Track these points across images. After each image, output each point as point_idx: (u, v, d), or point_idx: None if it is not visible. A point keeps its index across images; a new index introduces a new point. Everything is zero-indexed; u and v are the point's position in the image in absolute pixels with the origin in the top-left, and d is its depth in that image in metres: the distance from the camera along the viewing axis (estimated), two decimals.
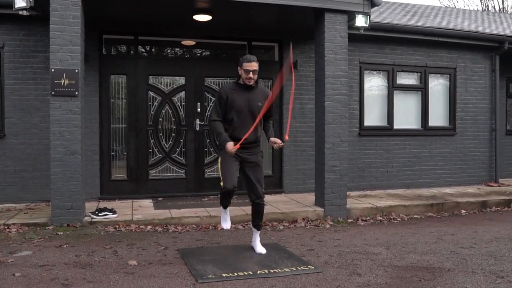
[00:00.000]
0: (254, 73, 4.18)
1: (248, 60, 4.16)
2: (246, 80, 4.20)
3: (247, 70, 4.15)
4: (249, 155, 4.28)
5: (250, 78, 4.18)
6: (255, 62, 4.17)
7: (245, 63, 4.15)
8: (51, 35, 5.31)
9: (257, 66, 4.20)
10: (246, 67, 4.15)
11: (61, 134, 5.37)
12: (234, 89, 4.27)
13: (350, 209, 6.36)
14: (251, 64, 4.15)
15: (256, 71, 4.20)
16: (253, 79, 4.20)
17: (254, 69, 4.17)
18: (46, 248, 4.50)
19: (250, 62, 4.15)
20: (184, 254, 4.36)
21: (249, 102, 4.23)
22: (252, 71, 4.16)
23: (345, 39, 6.28)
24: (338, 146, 6.27)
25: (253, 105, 4.23)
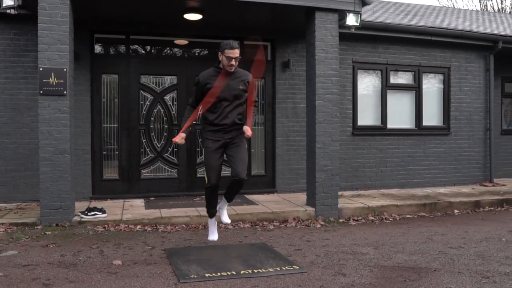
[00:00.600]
0: (236, 60, 4.13)
1: (231, 46, 4.07)
2: (228, 67, 4.14)
3: (229, 57, 4.08)
4: (230, 137, 4.27)
5: (231, 65, 4.12)
6: (237, 49, 4.09)
7: (228, 50, 4.06)
8: (39, 34, 5.29)
9: (239, 53, 4.12)
10: (228, 54, 4.06)
11: (50, 134, 5.35)
12: (214, 75, 4.21)
13: (342, 209, 6.34)
14: (233, 51, 4.07)
15: (238, 58, 4.13)
16: (235, 66, 4.15)
17: (237, 56, 4.10)
18: (32, 248, 4.49)
19: (233, 49, 4.07)
20: (170, 254, 4.34)
21: (230, 87, 4.19)
22: (235, 58, 4.10)
23: (336, 38, 6.25)
24: (329, 145, 6.25)
25: (234, 89, 4.20)
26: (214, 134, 4.23)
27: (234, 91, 4.20)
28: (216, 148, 4.22)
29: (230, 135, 4.25)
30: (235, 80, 4.23)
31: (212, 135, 4.24)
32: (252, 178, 7.60)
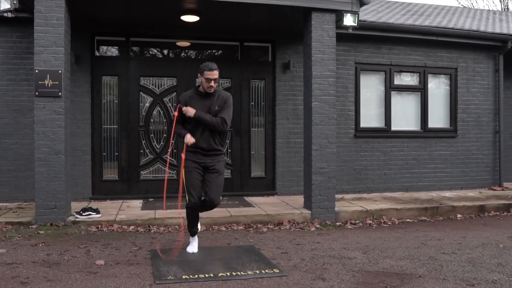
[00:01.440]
0: (215, 82, 4.17)
1: (209, 68, 4.10)
2: (208, 89, 4.18)
3: (208, 79, 4.11)
4: (211, 161, 4.27)
5: (211, 87, 4.16)
6: (216, 71, 4.13)
7: (207, 71, 4.10)
8: (35, 37, 5.39)
9: (218, 75, 4.16)
10: (207, 76, 4.10)
11: (45, 134, 5.44)
12: (193, 97, 4.26)
13: (339, 212, 6.24)
14: (212, 72, 4.10)
15: (217, 79, 4.17)
16: (214, 87, 4.18)
17: (216, 77, 4.14)
18: (21, 247, 4.56)
19: (212, 71, 4.10)
20: (154, 254, 4.33)
21: (208, 108, 4.21)
22: (214, 80, 4.13)
23: (333, 39, 6.17)
24: (325, 147, 6.16)
25: (211, 110, 4.21)
26: (194, 155, 4.25)
27: (209, 112, 4.19)
28: (195, 167, 4.24)
29: (210, 159, 4.25)
30: (213, 101, 4.23)
31: (192, 156, 4.25)
32: (252, 180, 7.57)
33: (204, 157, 4.24)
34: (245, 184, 7.54)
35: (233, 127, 7.46)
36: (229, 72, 7.42)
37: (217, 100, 4.25)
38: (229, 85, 7.45)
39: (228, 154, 7.46)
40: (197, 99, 4.23)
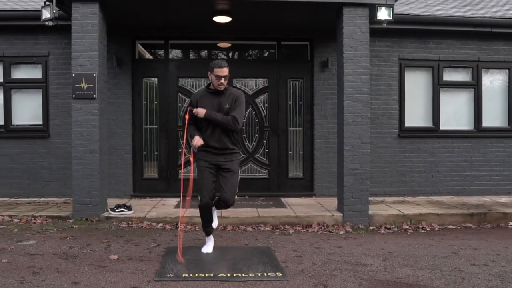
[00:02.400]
0: (225, 79, 4.14)
1: (219, 65, 4.09)
2: (218, 86, 4.16)
3: (218, 76, 4.09)
4: (224, 160, 4.23)
5: (221, 84, 4.13)
6: (226, 68, 4.10)
7: (216, 69, 4.09)
8: (73, 42, 5.73)
9: (228, 72, 4.13)
10: (217, 73, 4.09)
11: (81, 134, 5.77)
12: (204, 95, 4.26)
13: (373, 216, 5.95)
14: (222, 70, 4.08)
15: (227, 77, 4.15)
16: (224, 84, 4.16)
17: (225, 74, 4.11)
18: (50, 239, 4.87)
19: (221, 68, 4.08)
20: (168, 252, 4.42)
21: (218, 106, 4.18)
22: (224, 77, 4.11)
23: (366, 35, 5.89)
24: (358, 148, 5.90)
25: (222, 108, 4.18)
26: (206, 154, 4.23)
27: (220, 110, 4.16)
28: (207, 167, 4.22)
29: (222, 158, 4.22)
30: (223, 99, 4.20)
31: (205, 155, 4.23)
32: (290, 180, 7.46)
33: (216, 156, 4.21)
34: (282, 185, 7.44)
35: (271, 127, 7.40)
36: (266, 72, 7.38)
37: (228, 98, 4.22)
38: (266, 84, 7.40)
39: (265, 154, 7.43)
40: (208, 97, 4.22)
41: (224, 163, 4.23)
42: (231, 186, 4.23)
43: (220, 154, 4.22)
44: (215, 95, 4.22)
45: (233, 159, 4.29)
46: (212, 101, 4.19)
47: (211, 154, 4.22)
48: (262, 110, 7.41)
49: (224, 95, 4.22)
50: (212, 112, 4.14)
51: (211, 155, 4.22)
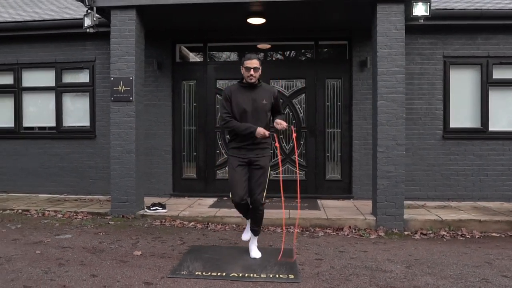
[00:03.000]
0: (255, 71, 4.12)
1: (248, 58, 4.13)
2: (248, 78, 4.15)
3: (247, 68, 4.11)
4: (255, 156, 4.19)
5: (251, 76, 4.12)
6: (255, 60, 4.12)
7: (246, 61, 4.12)
8: (112, 48, 6.03)
9: (258, 64, 4.13)
10: (246, 65, 4.11)
11: (119, 135, 6.05)
12: (238, 89, 4.24)
13: (409, 221, 5.69)
14: (251, 61, 4.10)
15: (258, 69, 4.13)
16: (255, 76, 4.14)
17: (255, 66, 4.11)
18: (85, 234, 5.16)
19: (251, 60, 4.11)
20: (190, 250, 4.52)
21: (253, 101, 4.16)
22: (253, 68, 4.10)
23: (401, 32, 5.65)
24: (392, 149, 5.68)
25: (257, 104, 4.16)
26: (238, 151, 4.21)
27: (255, 105, 4.16)
28: (239, 165, 4.19)
29: (254, 154, 4.18)
30: (258, 94, 4.20)
31: (236, 152, 4.22)
32: (327, 182, 7.33)
33: (248, 152, 4.16)
34: (320, 187, 7.33)
35: (308, 128, 7.32)
36: (304, 72, 7.31)
37: (264, 93, 4.21)
38: (303, 85, 7.34)
39: (302, 155, 7.36)
40: (242, 91, 4.21)
41: (256, 158, 4.18)
42: (260, 184, 4.18)
43: (252, 150, 4.17)
44: (249, 90, 4.20)
45: (265, 155, 4.25)
46: (247, 96, 4.17)
47: (244, 151, 4.17)
48: (300, 111, 7.35)
49: (258, 90, 4.21)
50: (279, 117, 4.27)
51: (243, 151, 4.17)
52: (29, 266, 3.88)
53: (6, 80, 7.80)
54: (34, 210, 6.25)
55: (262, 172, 4.20)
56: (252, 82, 4.16)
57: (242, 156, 4.19)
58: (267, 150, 4.29)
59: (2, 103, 7.87)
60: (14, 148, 7.77)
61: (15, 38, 7.58)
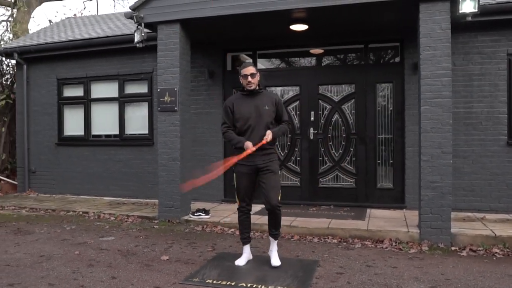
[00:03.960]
0: (252, 77, 4.19)
1: (244, 66, 4.23)
2: (247, 86, 4.22)
3: (245, 75, 4.19)
4: (262, 162, 4.21)
5: (249, 83, 4.20)
6: (250, 67, 4.21)
7: (241, 70, 4.22)
8: (158, 60, 6.38)
9: (254, 70, 4.21)
10: (243, 73, 4.20)
11: (165, 144, 6.37)
12: (239, 98, 4.32)
13: (457, 235, 5.25)
14: (247, 68, 4.19)
15: (255, 75, 4.20)
16: (253, 82, 4.20)
17: (251, 72, 4.18)
18: (127, 237, 5.51)
19: (246, 67, 4.20)
20: (216, 257, 4.63)
21: (256, 108, 4.20)
22: (250, 75, 4.18)
23: (447, 32, 5.25)
24: (438, 158, 5.28)
25: (260, 109, 4.20)
26: (246, 159, 4.20)
27: (258, 111, 4.20)
28: (246, 172, 4.24)
29: (261, 160, 4.20)
30: (260, 100, 4.24)
31: (243, 159, 4.20)
32: (378, 191, 7.01)
33: (254, 159, 4.18)
34: (370, 195, 7.04)
35: (358, 135, 7.08)
36: (353, 77, 7.08)
37: (265, 99, 4.25)
38: (353, 90, 7.11)
39: (351, 162, 7.13)
40: (244, 99, 4.27)
41: (262, 165, 4.20)
42: (273, 187, 4.17)
43: (259, 156, 4.18)
44: (251, 97, 4.25)
45: (272, 159, 4.25)
46: (249, 103, 4.23)
47: (249, 157, 4.17)
48: (349, 117, 7.12)
49: (260, 97, 4.25)
50: (274, 131, 4.19)
51: (249, 158, 4.17)
52: (62, 266, 4.27)
53: (77, 92, 8.63)
54: (92, 213, 6.82)
55: (273, 175, 4.21)
56: (251, 88, 4.22)
57: (248, 163, 4.20)
58: (273, 155, 4.30)
59: (75, 113, 8.70)
60: (84, 155, 8.54)
61: (84, 54, 8.35)
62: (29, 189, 8.92)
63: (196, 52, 7.26)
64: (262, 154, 4.20)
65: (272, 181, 4.18)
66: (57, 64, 8.68)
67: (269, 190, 4.17)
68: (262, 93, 4.31)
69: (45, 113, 8.85)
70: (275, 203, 4.15)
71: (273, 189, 4.17)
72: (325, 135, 7.23)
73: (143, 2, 6.26)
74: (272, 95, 4.42)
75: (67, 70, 8.64)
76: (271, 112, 4.23)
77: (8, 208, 7.34)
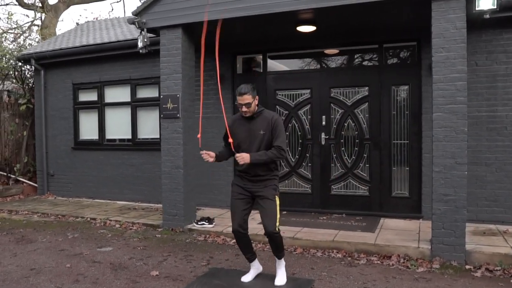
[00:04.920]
0: (247, 106, 3.94)
1: (239, 93, 3.94)
2: (243, 114, 4.02)
3: (239, 104, 3.96)
4: (258, 188, 4.03)
5: (245, 112, 3.98)
6: (246, 95, 3.90)
7: (238, 97, 3.96)
8: (161, 66, 6.25)
9: (250, 99, 3.91)
10: (238, 101, 3.96)
11: (168, 151, 6.24)
12: (238, 119, 4.14)
13: (472, 252, 4.83)
14: (242, 97, 3.92)
15: (250, 104, 3.93)
16: (249, 111, 3.97)
17: (247, 102, 3.92)
18: (125, 247, 5.42)
19: (241, 96, 3.92)
20: (206, 273, 4.45)
21: (250, 132, 4.01)
22: (245, 105, 3.93)
23: (462, 31, 4.80)
24: (451, 169, 4.86)
25: (254, 134, 3.99)
26: (241, 180, 4.12)
27: (253, 137, 3.99)
28: (240, 193, 4.09)
29: (256, 186, 4.03)
30: (256, 125, 4.01)
31: (239, 181, 4.14)
32: (393, 199, 6.61)
33: (249, 183, 4.05)
34: (385, 204, 6.65)
35: (371, 140, 6.70)
36: (367, 79, 6.69)
37: (262, 122, 4.00)
38: (366, 93, 6.72)
39: (365, 169, 6.76)
40: (241, 123, 4.09)
41: (257, 191, 4.03)
42: (269, 213, 3.98)
43: (252, 181, 4.04)
44: (247, 120, 4.05)
45: (267, 185, 4.03)
46: (244, 127, 4.05)
47: (246, 181, 4.07)
48: (363, 121, 6.75)
49: (256, 120, 4.03)
50: (255, 156, 3.92)
51: (245, 181, 4.07)
52: (48, 281, 4.21)
53: (91, 97, 8.68)
54: (99, 219, 6.80)
55: (268, 201, 3.99)
56: (247, 116, 4.01)
57: (243, 185, 4.08)
58: (270, 181, 4.05)
59: (89, 117, 8.76)
60: (99, 159, 8.59)
61: (98, 59, 8.37)
62: (48, 192, 9.08)
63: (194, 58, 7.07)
64: (256, 180, 4.03)
65: (267, 209, 3.98)
66: (73, 69, 8.76)
67: (263, 217, 4.00)
68: (261, 115, 4.04)
69: (62, 117, 8.96)
70: (270, 230, 3.94)
71: (267, 217, 3.97)
72: (337, 140, 6.89)
73: (145, 7, 6.14)
74: (271, 115, 4.07)
75: (82, 75, 8.71)
76: (266, 137, 3.97)
77: (21, 213, 7.47)
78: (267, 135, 3.97)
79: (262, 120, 4.02)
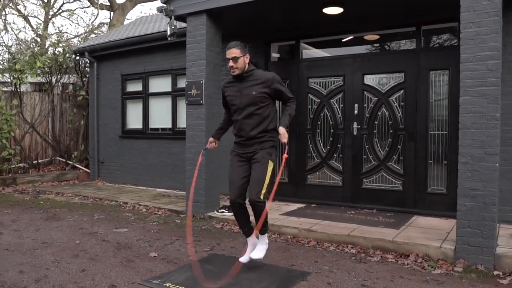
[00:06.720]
0: (234, 61, 3.75)
1: (228, 47, 3.79)
2: (231, 71, 3.83)
3: (227, 59, 3.78)
4: (253, 151, 3.84)
5: (231, 67, 3.79)
6: (234, 49, 3.74)
7: (226, 51, 3.80)
8: (187, 53, 6.28)
9: (238, 53, 3.74)
10: (227, 55, 3.78)
11: (192, 138, 6.26)
12: (230, 83, 3.97)
13: (502, 257, 4.23)
14: (229, 51, 3.76)
15: (237, 58, 3.74)
16: (236, 67, 3.78)
17: (233, 56, 3.74)
18: (140, 229, 5.52)
19: (229, 49, 3.77)
20: (203, 258, 4.37)
21: (241, 93, 3.82)
22: (232, 59, 3.74)
23: (495, 2, 4.21)
24: (480, 160, 4.29)
25: (245, 95, 3.80)
26: (238, 147, 3.95)
27: (245, 98, 3.81)
28: (238, 161, 3.92)
29: (252, 149, 3.84)
30: (247, 85, 3.83)
31: (236, 147, 3.97)
32: (429, 196, 6.04)
33: (245, 148, 3.87)
34: (420, 200, 6.09)
35: (406, 130, 6.17)
36: (402, 64, 6.18)
37: (255, 82, 3.81)
38: (402, 79, 6.20)
39: (399, 161, 6.25)
40: (233, 84, 3.93)
41: (252, 153, 3.84)
42: (255, 178, 3.76)
43: (250, 145, 3.84)
44: (239, 82, 3.88)
45: (264, 148, 3.82)
46: (236, 89, 3.88)
47: (242, 146, 3.89)
48: (397, 110, 6.24)
49: (248, 80, 3.84)
50: (283, 124, 3.81)
51: (242, 147, 3.89)
52: (50, 254, 4.39)
53: (137, 87, 9.01)
54: (130, 204, 7.03)
55: (259, 166, 3.76)
56: (235, 74, 3.82)
57: (240, 151, 3.90)
58: (267, 143, 3.84)
59: (135, 107, 9.10)
60: (142, 147, 8.89)
61: (142, 50, 8.67)
62: (98, 178, 9.61)
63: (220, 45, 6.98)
64: (252, 143, 3.83)
65: (256, 173, 3.77)
66: (121, 61, 9.16)
67: (251, 182, 3.78)
68: (252, 75, 3.85)
69: (111, 107, 9.41)
70: (252, 197, 3.71)
71: (254, 182, 3.75)
72: (370, 131, 6.44)
73: None
74: (265, 74, 3.90)
75: (129, 66, 9.08)
76: (262, 98, 3.79)
77: (66, 195, 7.95)
78: (262, 96, 3.76)
79: (255, 80, 3.83)
